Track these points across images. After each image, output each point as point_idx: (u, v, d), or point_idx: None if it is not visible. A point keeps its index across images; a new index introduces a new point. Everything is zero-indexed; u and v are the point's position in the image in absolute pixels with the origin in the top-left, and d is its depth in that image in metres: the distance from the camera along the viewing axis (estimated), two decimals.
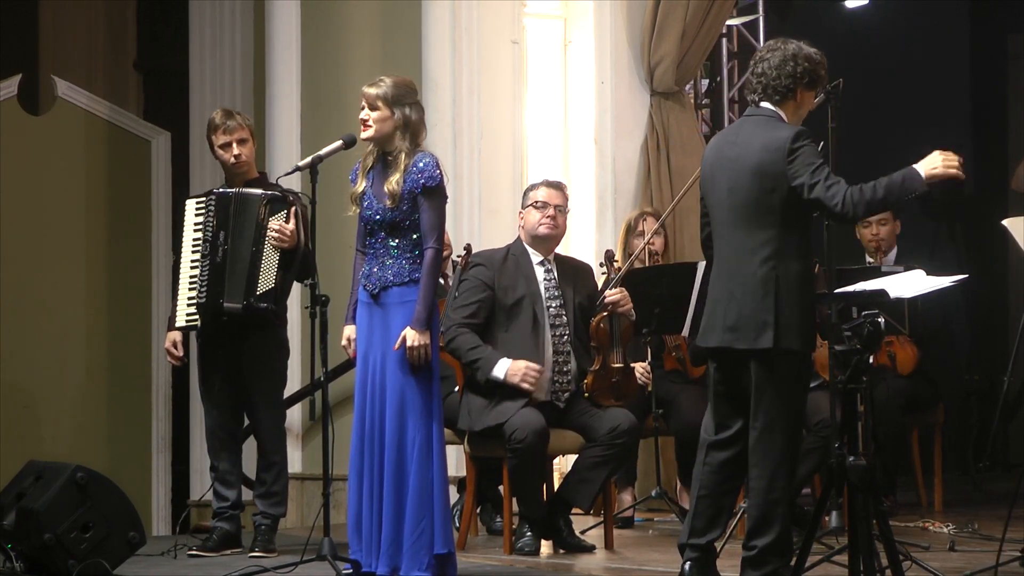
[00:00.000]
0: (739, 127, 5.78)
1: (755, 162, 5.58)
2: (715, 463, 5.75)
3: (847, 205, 5.46)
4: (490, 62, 8.71)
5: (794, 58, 5.65)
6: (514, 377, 6.91)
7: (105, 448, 10.04)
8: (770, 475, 5.59)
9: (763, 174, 5.56)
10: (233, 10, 9.82)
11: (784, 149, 5.53)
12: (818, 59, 5.70)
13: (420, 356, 6.06)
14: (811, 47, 5.72)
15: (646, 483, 8.43)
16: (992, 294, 11.31)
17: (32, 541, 6.42)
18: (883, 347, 7.90)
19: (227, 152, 7.24)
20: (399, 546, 6.06)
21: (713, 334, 5.69)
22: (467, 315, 7.05)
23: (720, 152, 5.74)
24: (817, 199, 5.50)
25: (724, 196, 5.67)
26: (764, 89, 5.68)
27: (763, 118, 5.67)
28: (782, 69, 5.64)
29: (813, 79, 5.69)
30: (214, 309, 7.12)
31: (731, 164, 5.66)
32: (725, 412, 5.75)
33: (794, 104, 5.69)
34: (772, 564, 5.59)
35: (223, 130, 7.23)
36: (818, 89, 5.78)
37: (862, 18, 10.72)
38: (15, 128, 9.88)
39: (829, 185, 5.48)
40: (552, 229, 7.17)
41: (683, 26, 8.98)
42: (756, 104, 5.71)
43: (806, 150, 5.53)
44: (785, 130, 5.59)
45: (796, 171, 5.52)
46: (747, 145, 5.63)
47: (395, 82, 6.17)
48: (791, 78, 5.65)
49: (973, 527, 7.37)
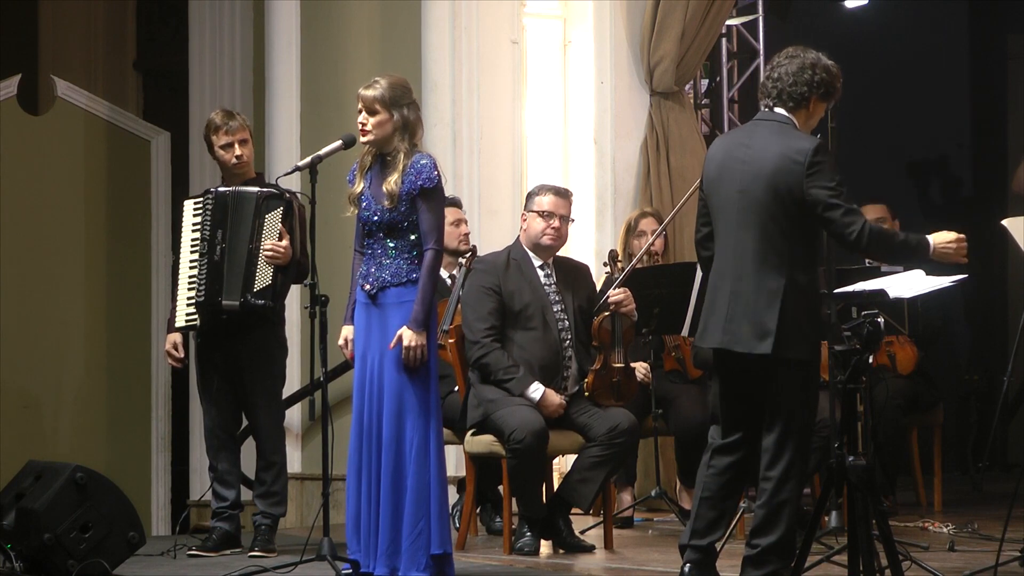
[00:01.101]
0: (751, 130, 5.74)
1: (773, 168, 5.55)
2: (719, 467, 5.75)
3: (863, 238, 5.49)
4: (490, 62, 8.71)
5: (812, 67, 5.64)
6: (546, 408, 6.92)
7: (105, 448, 10.04)
8: (779, 476, 5.58)
9: (780, 181, 5.54)
10: (232, 10, 9.82)
11: (805, 161, 5.51)
12: (835, 71, 5.69)
13: (416, 357, 6.05)
14: (829, 59, 5.72)
15: (646, 483, 8.44)
16: (992, 294, 11.32)
17: (32, 541, 6.42)
18: (883, 347, 7.90)
19: (228, 152, 7.24)
20: (397, 546, 6.05)
21: (712, 334, 5.68)
22: (488, 326, 7.03)
23: (730, 153, 5.71)
24: (831, 220, 5.51)
25: (734, 197, 5.63)
26: (779, 95, 5.66)
27: (778, 124, 5.65)
28: (799, 76, 5.63)
29: (828, 90, 5.68)
30: (212, 307, 7.12)
31: (744, 166, 5.63)
32: (730, 417, 5.74)
33: (806, 113, 5.67)
34: (773, 564, 5.59)
35: (225, 131, 7.23)
36: (831, 101, 5.76)
37: (862, 18, 10.73)
38: (15, 128, 9.88)
39: (847, 211, 5.50)
40: (555, 240, 7.17)
41: (683, 26, 8.98)
42: (770, 109, 5.69)
43: (826, 166, 5.52)
44: (806, 141, 5.57)
45: (815, 186, 5.50)
46: (764, 149, 5.60)
47: (391, 83, 6.15)
48: (807, 86, 5.63)
49: (972, 527, 7.37)
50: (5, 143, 9.80)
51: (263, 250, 7.08)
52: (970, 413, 11.02)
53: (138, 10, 11.50)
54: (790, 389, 5.57)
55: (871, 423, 7.52)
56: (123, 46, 11.43)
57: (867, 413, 6.70)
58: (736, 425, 5.72)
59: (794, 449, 5.59)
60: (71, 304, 10.06)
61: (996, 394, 10.80)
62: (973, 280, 6.58)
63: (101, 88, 10.94)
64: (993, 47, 11.60)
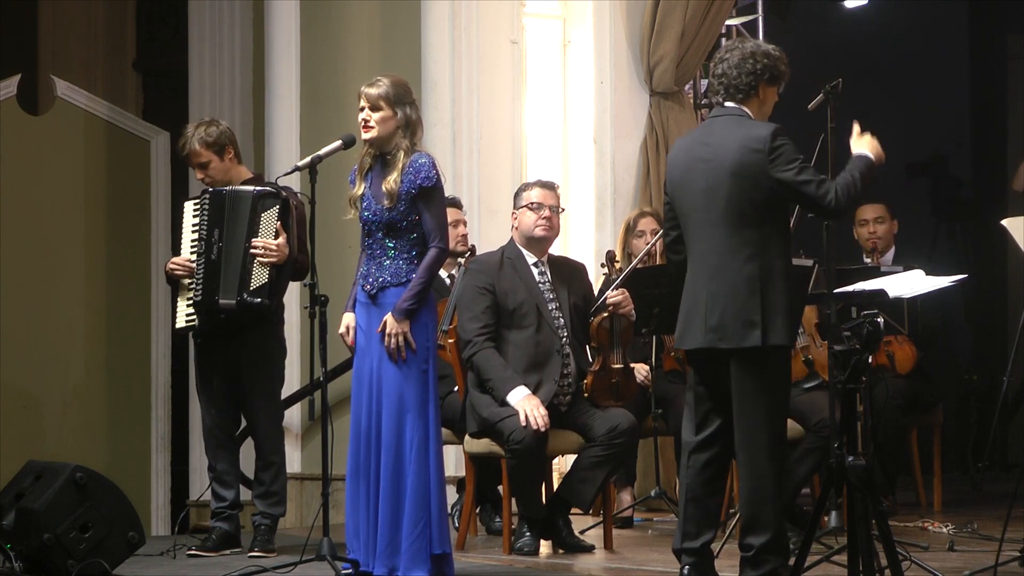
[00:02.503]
0: (709, 127, 5.79)
1: (734, 161, 5.60)
2: (698, 464, 5.76)
3: (840, 201, 5.54)
4: (489, 62, 8.71)
5: (753, 55, 5.71)
6: (520, 409, 6.83)
7: (104, 448, 10.04)
8: (759, 474, 5.60)
9: (743, 173, 5.59)
10: (232, 10, 9.82)
11: (765, 148, 5.56)
12: (776, 55, 5.76)
13: (395, 345, 6.05)
14: (769, 44, 5.80)
15: (645, 483, 8.44)
16: (992, 294, 11.32)
17: (31, 541, 6.42)
18: (881, 347, 7.90)
19: (202, 173, 7.28)
20: (396, 547, 6.05)
21: (693, 335, 5.69)
22: (481, 326, 7.03)
23: (691, 153, 5.75)
24: (807, 195, 5.55)
25: (700, 197, 5.68)
26: (727, 89, 5.73)
27: (733, 117, 5.71)
28: (742, 67, 5.70)
29: (774, 74, 5.73)
30: (210, 306, 7.12)
31: (706, 164, 5.67)
32: (704, 412, 5.76)
33: (758, 101, 5.73)
34: (771, 563, 5.60)
35: (186, 160, 7.28)
36: (780, 84, 5.83)
37: (862, 18, 10.73)
38: (14, 128, 9.88)
39: (819, 183, 5.55)
40: (548, 231, 7.16)
41: (682, 26, 8.98)
42: (721, 104, 5.74)
43: (787, 148, 5.58)
44: (763, 128, 5.63)
45: (780, 169, 5.55)
46: (723, 144, 5.65)
47: (393, 81, 6.18)
48: (752, 75, 5.69)
49: (972, 527, 7.37)
50: (5, 143, 9.79)
51: (253, 249, 7.08)
52: (970, 413, 11.02)
53: (138, 10, 11.50)
54: (773, 377, 5.60)
55: (871, 423, 7.52)
56: (123, 46, 11.43)
57: (867, 413, 6.69)
58: (709, 420, 5.74)
59: (771, 442, 5.59)
60: (71, 304, 10.06)
61: (996, 394, 10.79)
62: (973, 280, 6.59)
63: (101, 88, 10.95)
64: (993, 47, 11.60)
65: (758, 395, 5.59)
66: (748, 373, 5.60)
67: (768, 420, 5.60)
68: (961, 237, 11.61)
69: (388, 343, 6.06)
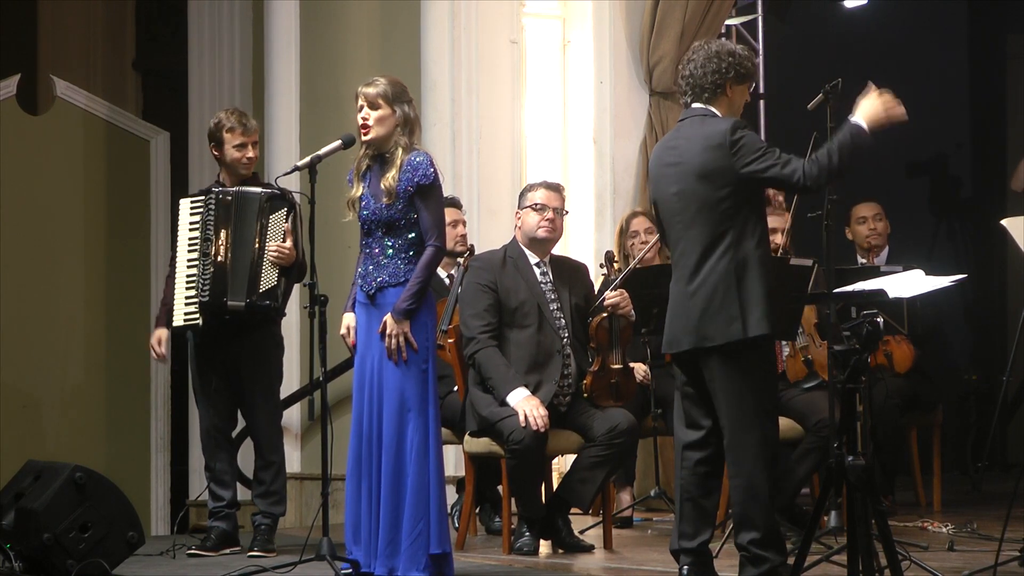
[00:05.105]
0: (676, 131, 5.83)
1: (699, 162, 5.63)
2: (691, 463, 5.78)
3: (809, 177, 5.53)
4: (489, 62, 8.71)
5: (717, 55, 5.73)
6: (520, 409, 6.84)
7: (104, 448, 10.04)
8: (749, 471, 5.60)
9: (709, 173, 5.62)
10: (232, 10, 9.82)
11: (725, 143, 5.59)
12: (743, 53, 5.79)
13: (394, 345, 6.05)
14: (735, 44, 5.83)
15: (645, 483, 8.44)
16: (991, 294, 11.31)
17: (31, 541, 6.42)
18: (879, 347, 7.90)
19: (242, 152, 7.26)
20: (396, 547, 6.06)
21: (681, 338, 5.70)
22: (484, 323, 7.02)
23: (660, 159, 5.80)
24: (774, 178, 5.57)
25: (674, 201, 5.71)
26: (693, 89, 5.76)
27: (698, 117, 5.74)
28: (707, 67, 5.72)
29: (740, 72, 5.75)
30: (217, 308, 7.12)
31: (674, 168, 5.71)
32: (695, 412, 5.78)
33: (727, 99, 5.75)
34: (769, 561, 5.60)
35: (242, 131, 7.26)
36: (750, 83, 5.85)
37: (861, 18, 10.73)
38: (14, 128, 9.88)
39: (784, 164, 5.56)
40: (551, 232, 7.17)
41: (682, 26, 8.98)
42: (688, 105, 5.77)
43: (747, 138, 5.60)
44: (721, 123, 5.65)
45: (744, 161, 5.57)
46: (687, 148, 5.69)
47: (391, 81, 6.20)
48: (717, 74, 5.71)
49: (972, 527, 7.37)
50: (5, 143, 9.80)
51: (268, 252, 7.09)
52: (969, 413, 11.01)
53: (138, 10, 11.51)
54: (756, 369, 5.61)
55: (870, 423, 7.52)
56: (122, 46, 11.44)
57: (866, 413, 6.69)
58: (700, 421, 5.75)
59: (758, 438, 5.59)
60: (71, 304, 10.06)
61: (995, 394, 10.79)
62: (973, 280, 6.58)
63: (100, 88, 10.95)
64: (993, 47, 11.60)
65: (744, 390, 5.60)
66: (732, 368, 5.60)
67: (755, 416, 5.61)
68: (961, 237, 11.60)
69: (389, 344, 6.06)
